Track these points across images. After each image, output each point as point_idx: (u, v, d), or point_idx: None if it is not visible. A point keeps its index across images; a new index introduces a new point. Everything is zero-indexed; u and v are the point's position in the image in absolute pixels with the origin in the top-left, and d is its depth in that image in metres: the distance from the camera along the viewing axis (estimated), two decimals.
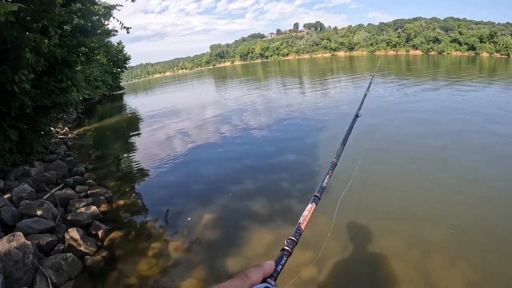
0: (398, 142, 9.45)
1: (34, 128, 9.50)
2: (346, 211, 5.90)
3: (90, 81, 24.97)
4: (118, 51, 47.07)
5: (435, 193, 6.21)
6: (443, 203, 5.82)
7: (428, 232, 5.03)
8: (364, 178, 7.23)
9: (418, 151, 8.53)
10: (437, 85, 20.87)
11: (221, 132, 13.73)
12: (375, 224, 5.39)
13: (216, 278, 4.65)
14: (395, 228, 5.29)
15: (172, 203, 7.38)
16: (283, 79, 39.35)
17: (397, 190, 6.58)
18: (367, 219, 5.54)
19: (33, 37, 6.49)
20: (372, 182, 7.01)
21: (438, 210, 5.63)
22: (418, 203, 5.92)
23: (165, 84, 69.72)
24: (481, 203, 5.71)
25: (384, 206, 5.98)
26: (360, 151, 9.00)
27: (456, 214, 5.46)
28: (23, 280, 4.20)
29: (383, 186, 6.81)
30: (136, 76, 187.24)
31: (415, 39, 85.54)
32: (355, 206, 6.05)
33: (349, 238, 5.10)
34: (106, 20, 10.89)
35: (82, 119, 24.07)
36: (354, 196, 6.45)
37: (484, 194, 5.99)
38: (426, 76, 27.43)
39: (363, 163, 8.09)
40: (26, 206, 6.01)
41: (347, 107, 15.22)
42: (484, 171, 6.89)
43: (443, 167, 7.37)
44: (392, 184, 6.87)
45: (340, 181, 7.09)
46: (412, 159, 8.06)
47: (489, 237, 4.79)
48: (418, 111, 12.91)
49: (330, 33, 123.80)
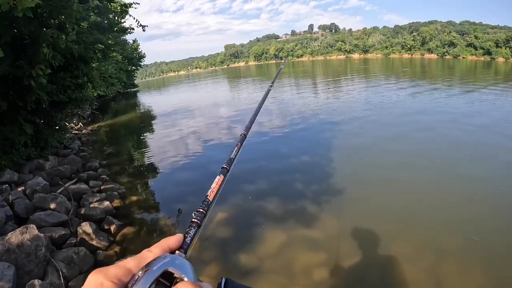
0: (416, 146, 9.29)
1: (50, 122, 9.61)
2: (359, 213, 5.86)
3: (105, 78, 25.18)
4: (133, 49, 47.38)
5: (452, 199, 6.09)
6: (459, 209, 5.71)
7: (442, 238, 4.93)
8: (377, 181, 7.18)
9: (436, 156, 8.35)
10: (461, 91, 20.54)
11: (233, 131, 13.70)
12: (388, 227, 5.32)
13: (228, 276, 4.60)
14: (407, 233, 5.20)
15: (184, 201, 7.38)
16: (296, 80, 39.20)
17: (412, 194, 6.45)
18: (379, 222, 5.46)
19: (51, 32, 6.54)
20: (386, 185, 6.94)
21: (454, 216, 5.52)
22: (433, 208, 5.80)
23: (179, 82, 70.06)
24: (498, 211, 5.58)
25: (398, 209, 5.89)
26: (374, 153, 9.00)
27: (472, 221, 5.34)
28: (35, 272, 4.22)
29: (397, 190, 6.70)
30: (150, 74, 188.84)
31: (430, 43, 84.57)
32: (368, 208, 5.99)
33: (361, 241, 5.04)
34: (122, 18, 10.97)
35: (96, 115, 24.30)
36: (367, 198, 6.40)
37: (502, 203, 5.85)
38: (442, 81, 27.04)
39: (378, 166, 8.08)
40: (40, 199, 6.06)
41: (362, 110, 15.08)
42: (504, 181, 6.73)
43: (462, 174, 7.23)
44: (407, 188, 6.74)
45: (353, 183, 7.13)
46: (429, 164, 7.88)
47: (504, 245, 4.68)
48: (436, 116, 12.74)
49: (344, 35, 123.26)
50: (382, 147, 9.42)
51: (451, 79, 28.26)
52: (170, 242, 0.72)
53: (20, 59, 7.13)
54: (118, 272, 0.57)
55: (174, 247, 0.72)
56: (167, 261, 0.62)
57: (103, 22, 9.86)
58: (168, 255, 0.65)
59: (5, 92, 7.62)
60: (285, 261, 4.82)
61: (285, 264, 4.75)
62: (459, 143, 9.22)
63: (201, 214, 0.87)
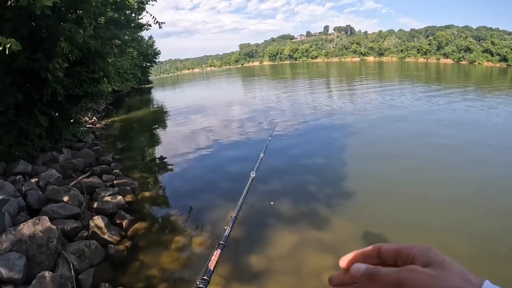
0: (429, 151, 9.13)
1: (64, 115, 9.69)
2: (371, 219, 5.77)
3: (120, 74, 25.38)
4: (149, 45, 47.67)
5: (463, 206, 5.98)
6: (472, 216, 5.61)
7: (453, 245, 4.85)
8: (391, 187, 7.08)
9: (457, 166, 8.09)
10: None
11: (247, 130, 13.66)
12: (398, 233, 5.21)
13: (238, 276, 4.60)
14: (418, 239, 5.11)
15: (196, 198, 7.35)
16: (311, 81, 39.05)
17: (427, 202, 6.27)
18: (391, 229, 5.36)
19: (69, 27, 6.59)
20: (400, 191, 6.81)
21: (466, 223, 5.42)
22: (444, 215, 5.68)
23: (193, 80, 70.39)
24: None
25: (409, 215, 5.78)
26: (389, 158, 8.89)
27: (486, 230, 5.22)
28: (45, 263, 4.24)
29: (412, 197, 6.54)
30: (165, 71, 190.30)
31: (446, 47, 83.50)
32: (381, 214, 5.89)
33: (370, 244, 4.97)
34: (139, 14, 11.04)
35: (110, 110, 24.51)
36: (380, 204, 6.31)
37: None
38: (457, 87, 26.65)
39: (392, 172, 7.97)
40: (53, 191, 6.10)
41: (378, 114, 14.94)
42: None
43: (476, 180, 7.11)
44: (421, 196, 6.56)
45: (367, 188, 7.04)
46: (449, 173, 7.63)
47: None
48: (447, 122, 12.57)
49: (360, 38, 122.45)
50: (398, 153, 9.26)
51: (472, 85, 27.81)
52: None
53: (37, 52, 7.19)
54: None
55: None
56: None
57: (120, 18, 9.90)
58: None
59: (22, 84, 7.69)
60: (296, 262, 4.76)
61: (295, 265, 4.70)
62: (482, 154, 8.87)
63: (206, 281, 1.11)
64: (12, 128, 7.57)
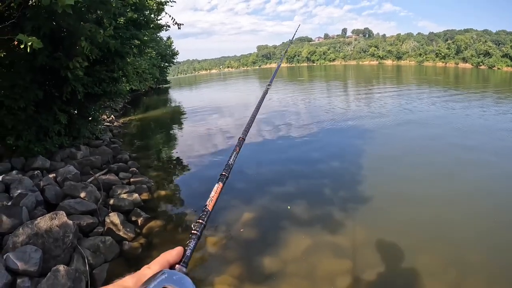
0: (452, 161, 8.86)
1: (83, 113, 9.86)
2: (385, 224, 5.72)
3: (139, 73, 25.65)
4: (167, 46, 48.07)
5: (483, 217, 5.82)
6: (486, 226, 5.49)
7: (468, 254, 4.76)
8: (406, 193, 6.97)
9: (472, 174, 7.90)
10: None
11: (263, 132, 13.60)
12: (413, 240, 5.13)
13: (251, 276, 4.60)
14: (433, 246, 4.99)
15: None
16: (328, 83, 38.85)
17: (442, 209, 6.14)
18: (405, 234, 5.29)
19: (89, 26, 6.70)
20: (414, 197, 6.70)
21: (481, 232, 5.31)
22: (460, 223, 5.60)
23: (210, 80, 70.67)
24: None
25: (424, 222, 5.68)
26: (404, 164, 8.78)
27: (500, 239, 5.14)
28: (61, 257, 4.30)
29: (426, 203, 6.41)
30: (182, 72, 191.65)
31: (465, 52, 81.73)
32: (395, 220, 5.82)
33: (385, 251, 4.91)
34: (158, 15, 11.14)
35: (128, 109, 24.82)
36: (395, 209, 6.23)
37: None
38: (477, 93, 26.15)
39: (407, 178, 7.87)
40: (70, 187, 6.22)
41: (392, 116, 14.82)
42: None
43: (493, 191, 6.94)
44: (436, 202, 6.43)
45: (381, 193, 6.98)
46: (464, 180, 7.53)
47: None
48: (467, 130, 12.35)
49: (378, 41, 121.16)
50: (413, 158, 9.11)
51: (493, 91, 27.29)
52: (169, 257, 0.71)
53: (58, 51, 7.33)
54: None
55: (174, 262, 0.71)
56: (165, 277, 0.62)
57: (139, 18, 10.02)
58: (167, 270, 0.65)
59: (42, 82, 7.87)
60: (309, 266, 4.74)
61: (309, 269, 4.68)
62: (502, 163, 8.60)
63: (201, 225, 0.84)
64: (31, 124, 7.73)
